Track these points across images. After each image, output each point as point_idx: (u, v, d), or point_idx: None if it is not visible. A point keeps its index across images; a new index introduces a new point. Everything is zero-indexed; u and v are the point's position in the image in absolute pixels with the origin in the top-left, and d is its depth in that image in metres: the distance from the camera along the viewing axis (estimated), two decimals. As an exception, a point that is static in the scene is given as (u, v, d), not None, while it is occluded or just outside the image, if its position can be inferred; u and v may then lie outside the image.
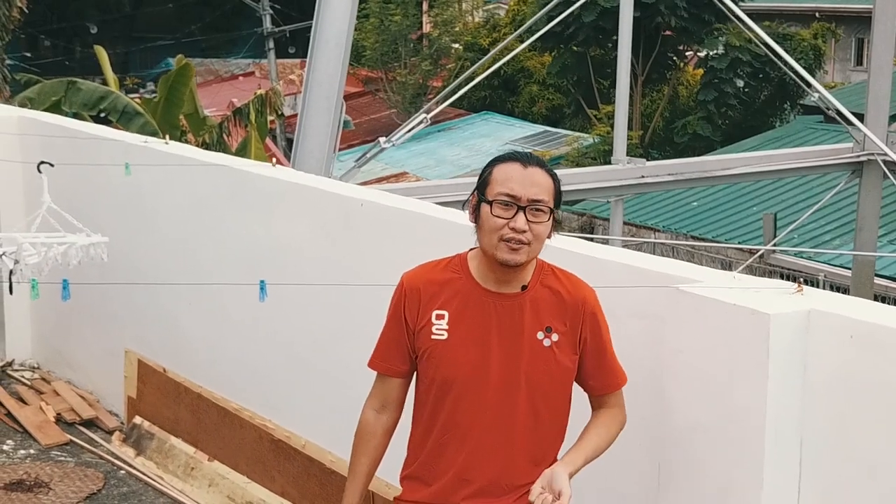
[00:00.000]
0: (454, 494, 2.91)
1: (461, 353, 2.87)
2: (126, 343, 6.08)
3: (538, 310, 2.89)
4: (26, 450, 5.82)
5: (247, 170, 5.29)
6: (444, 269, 2.95)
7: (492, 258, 2.84)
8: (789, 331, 2.88)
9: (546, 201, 2.82)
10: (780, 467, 2.93)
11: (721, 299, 2.99)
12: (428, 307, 2.90)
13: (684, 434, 3.11)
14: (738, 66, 24.29)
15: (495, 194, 2.81)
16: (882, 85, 12.09)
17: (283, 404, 5.03)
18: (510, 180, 2.81)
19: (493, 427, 2.88)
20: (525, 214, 2.79)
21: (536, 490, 2.71)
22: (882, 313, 2.89)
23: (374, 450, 3.03)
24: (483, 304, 2.88)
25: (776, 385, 2.88)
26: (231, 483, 5.19)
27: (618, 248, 3.74)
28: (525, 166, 2.83)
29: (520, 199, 2.79)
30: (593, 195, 12.56)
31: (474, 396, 2.87)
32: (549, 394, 2.91)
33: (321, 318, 4.75)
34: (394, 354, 2.98)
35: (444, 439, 2.92)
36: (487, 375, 2.87)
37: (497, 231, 2.80)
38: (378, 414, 3.03)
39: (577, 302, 2.93)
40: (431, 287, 2.92)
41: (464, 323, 2.88)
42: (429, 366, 2.92)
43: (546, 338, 2.88)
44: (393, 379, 3.01)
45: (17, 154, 6.57)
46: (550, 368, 2.89)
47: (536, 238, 2.82)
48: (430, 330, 2.90)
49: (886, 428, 2.76)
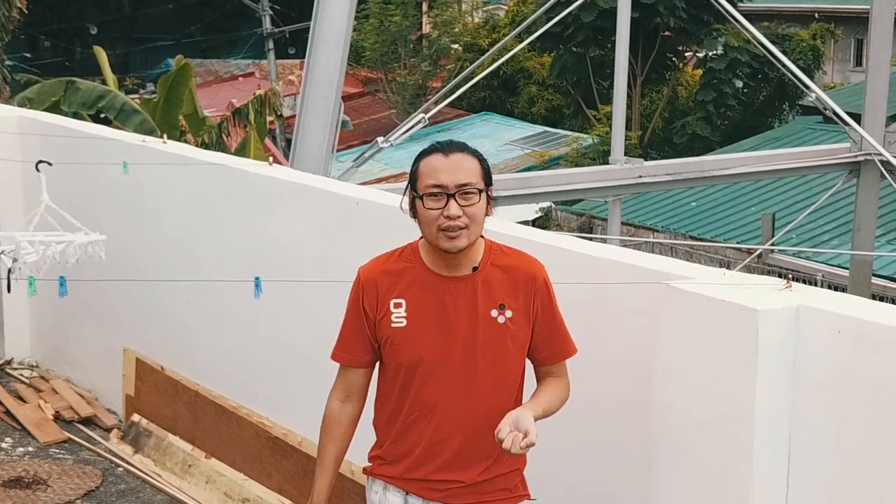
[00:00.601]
0: (423, 468, 3.05)
1: (422, 338, 2.99)
2: (124, 341, 6.11)
3: (490, 289, 3.00)
4: (25, 447, 5.85)
5: (245, 169, 5.32)
6: (397, 259, 3.07)
7: (436, 248, 2.96)
8: (778, 326, 2.91)
9: (473, 183, 2.92)
10: (769, 461, 2.96)
11: (711, 296, 3.02)
12: (386, 297, 3.02)
13: (675, 429, 3.14)
14: (737, 66, 24.33)
15: (424, 187, 2.93)
16: (879, 85, 12.12)
17: (280, 402, 5.06)
18: (435, 171, 2.92)
19: (457, 403, 3.00)
20: (456, 200, 2.89)
21: (505, 429, 2.77)
22: (870, 309, 2.92)
23: (340, 439, 3.15)
24: (437, 289, 2.99)
25: (765, 380, 2.91)
26: (228, 480, 5.22)
27: (610, 246, 3.77)
28: (447, 155, 2.94)
29: (447, 186, 2.90)
30: (591, 195, 12.59)
31: (438, 376, 3.00)
32: (507, 367, 3.03)
33: (318, 316, 4.77)
34: (356, 346, 3.10)
35: (411, 419, 3.04)
36: (449, 355, 2.99)
37: (434, 222, 2.91)
38: (343, 404, 3.15)
39: (528, 277, 3.03)
40: (387, 278, 3.03)
41: (421, 309, 3.00)
42: (392, 352, 3.04)
43: (500, 314, 2.99)
44: (356, 369, 3.14)
45: (16, 153, 6.60)
46: (506, 343, 3.01)
47: (472, 220, 2.92)
48: (389, 319, 3.01)
49: (874, 422, 2.79)
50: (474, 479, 3.04)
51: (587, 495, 3.64)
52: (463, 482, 3.03)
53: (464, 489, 3.04)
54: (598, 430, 3.58)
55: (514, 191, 10.29)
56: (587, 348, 3.49)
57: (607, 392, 3.54)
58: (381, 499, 3.12)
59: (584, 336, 3.47)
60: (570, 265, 3.56)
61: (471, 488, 3.04)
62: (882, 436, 2.78)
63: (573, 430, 3.64)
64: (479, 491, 3.05)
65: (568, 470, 3.69)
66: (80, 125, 6.91)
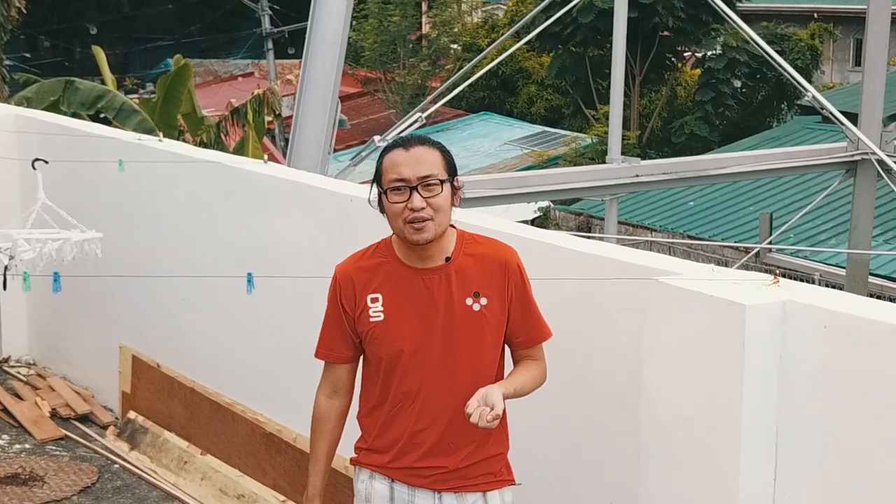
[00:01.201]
0: (407, 457, 3.10)
1: (400, 331, 3.05)
2: (121, 339, 6.13)
3: (464, 277, 3.05)
4: (21, 444, 5.88)
5: (241, 167, 5.34)
6: (371, 255, 3.13)
7: (405, 240, 3.01)
8: (765, 321, 2.93)
9: (435, 174, 2.97)
10: (756, 455, 2.98)
11: (699, 291, 3.04)
12: (363, 293, 3.08)
13: (664, 423, 3.16)
14: (735, 66, 24.34)
15: (388, 182, 2.99)
16: (876, 85, 12.12)
17: (275, 398, 5.09)
18: (397, 165, 2.97)
19: (438, 392, 3.06)
20: (419, 192, 2.94)
21: (473, 404, 2.84)
22: (857, 305, 2.94)
23: (330, 433, 3.22)
24: (412, 282, 3.05)
25: (752, 374, 2.93)
26: (223, 476, 5.25)
27: (600, 242, 3.79)
28: (407, 149, 2.99)
29: (409, 180, 2.95)
30: (588, 194, 12.59)
31: (419, 367, 3.05)
32: (484, 354, 3.08)
33: (314, 314, 4.78)
34: (337, 342, 3.17)
35: (395, 410, 3.10)
36: (428, 346, 3.04)
37: (399, 215, 2.97)
38: (330, 399, 3.23)
39: (500, 263, 3.08)
40: (363, 274, 3.10)
41: (398, 302, 3.06)
42: (373, 346, 3.10)
43: (475, 302, 3.05)
44: (341, 365, 3.21)
45: (14, 152, 6.62)
46: (482, 330, 3.06)
47: (438, 210, 2.97)
48: (367, 314, 3.07)
49: (861, 416, 2.81)
50: (458, 464, 3.09)
51: (578, 487, 3.66)
52: (447, 467, 3.09)
53: (448, 474, 3.09)
54: (589, 423, 3.61)
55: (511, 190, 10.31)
56: (577, 343, 3.52)
57: (597, 386, 3.56)
58: (367, 487, 3.17)
59: (574, 331, 3.51)
60: (561, 261, 3.58)
61: (455, 473, 3.09)
62: (869, 430, 2.80)
63: (564, 424, 3.67)
64: (463, 476, 3.10)
65: (559, 463, 3.72)
66: (77, 123, 6.94)
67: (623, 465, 3.41)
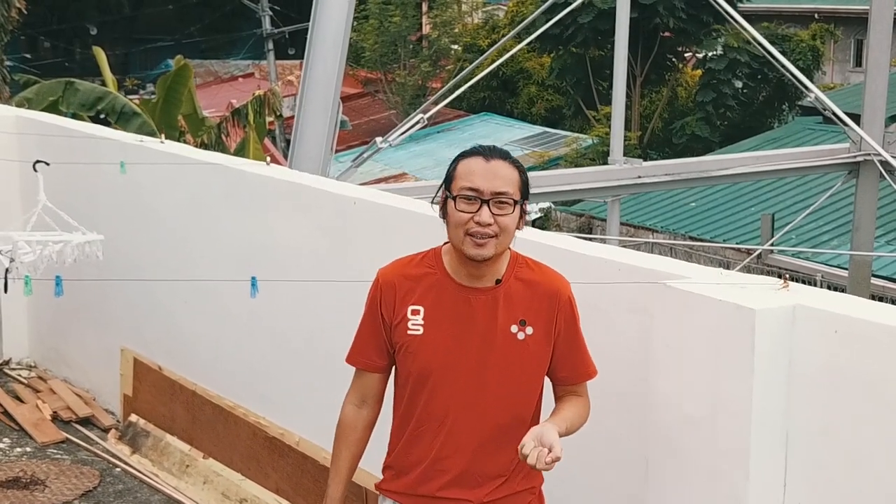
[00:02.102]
0: (429, 483, 2.95)
1: (437, 348, 2.90)
2: (122, 341, 6.10)
3: (512, 303, 2.90)
4: (23, 448, 5.85)
5: (242, 168, 5.31)
6: (418, 263, 2.97)
7: (460, 252, 2.86)
8: (774, 326, 2.90)
9: (510, 193, 2.82)
10: (766, 460, 2.96)
11: (707, 295, 3.01)
12: (404, 302, 2.93)
13: (673, 428, 3.14)
14: (736, 67, 24.32)
15: (459, 189, 2.83)
16: (879, 85, 12.11)
17: (278, 401, 5.06)
18: (472, 174, 2.82)
19: (467, 419, 2.91)
20: (489, 207, 2.80)
21: (530, 444, 2.65)
22: (866, 308, 2.92)
23: (354, 444, 3.07)
24: (457, 299, 2.90)
25: (762, 379, 2.91)
26: (226, 480, 5.22)
27: (607, 246, 3.76)
28: (487, 160, 2.84)
29: (483, 192, 2.81)
30: (590, 195, 12.58)
31: (449, 389, 2.90)
32: (522, 386, 2.94)
33: (315, 316, 4.78)
34: (371, 350, 3.01)
35: (420, 430, 2.95)
36: (462, 369, 2.89)
37: (462, 226, 2.81)
38: (358, 408, 3.07)
39: (552, 293, 2.94)
40: (407, 282, 2.94)
41: (439, 318, 2.90)
42: (406, 360, 2.95)
43: (520, 331, 2.90)
44: (371, 374, 3.05)
45: (14, 153, 6.60)
46: (524, 361, 2.92)
47: (503, 230, 2.82)
48: (406, 325, 2.92)
49: (871, 421, 2.79)
50: (482, 498, 2.93)
51: (585, 492, 3.63)
52: (470, 501, 2.93)
53: None
54: (596, 427, 3.56)
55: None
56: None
57: (604, 390, 3.52)
58: None
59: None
60: (566, 265, 3.55)
61: None
62: (879, 435, 2.77)
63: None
64: None
65: (565, 467, 3.68)
66: (77, 125, 6.91)
67: (630, 469, 3.38)
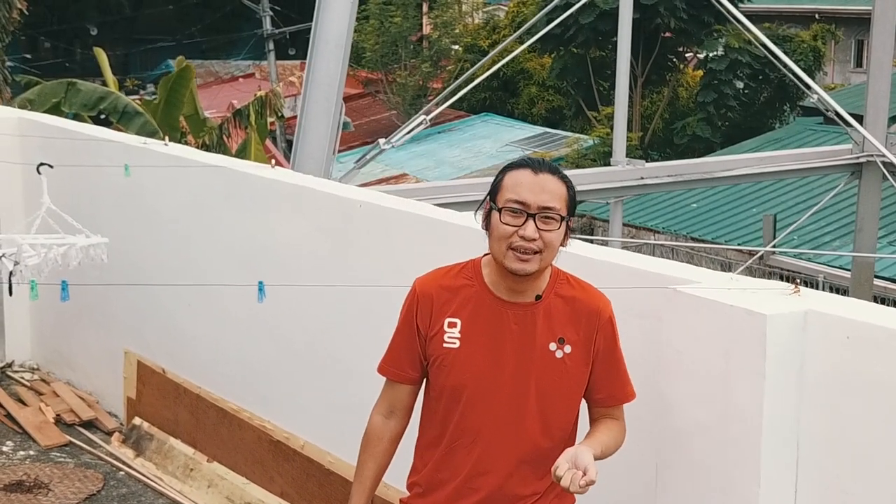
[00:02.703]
0: (460, 502, 2.88)
1: (472, 363, 2.83)
2: (125, 344, 6.09)
3: (551, 320, 2.84)
4: (26, 451, 5.83)
5: (246, 171, 5.30)
6: (457, 275, 2.90)
7: (501, 266, 2.79)
8: (786, 331, 2.88)
9: (557, 209, 2.76)
10: (777, 467, 2.94)
11: (718, 300, 2.99)
12: (440, 314, 2.86)
13: (682, 434, 3.12)
14: (737, 67, 24.31)
15: (505, 201, 2.76)
16: (881, 86, 12.09)
17: (282, 405, 5.04)
18: (520, 186, 2.75)
19: (501, 437, 2.84)
20: (535, 222, 2.73)
21: (564, 465, 2.59)
22: (878, 314, 2.89)
23: (381, 455, 2.99)
24: (495, 314, 2.83)
25: (773, 385, 2.89)
26: (230, 484, 5.20)
27: (616, 250, 3.75)
28: (536, 173, 2.77)
29: (529, 206, 2.74)
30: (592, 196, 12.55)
31: (484, 406, 2.83)
32: (559, 406, 2.87)
33: (319, 319, 4.76)
34: (404, 361, 2.94)
35: (452, 447, 2.88)
36: (498, 386, 2.82)
37: (506, 239, 2.74)
38: (386, 419, 2.99)
39: (592, 312, 2.88)
40: (444, 293, 2.87)
41: (476, 332, 2.83)
42: (440, 373, 2.87)
43: (559, 349, 2.84)
44: (403, 385, 2.97)
45: (17, 155, 6.58)
46: (561, 380, 2.85)
47: (548, 246, 2.76)
48: (441, 338, 2.85)
49: (883, 427, 2.77)
50: None
51: (593, 497, 3.61)
52: None
53: None
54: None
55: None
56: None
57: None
58: None
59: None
60: (576, 269, 3.52)
61: None
62: (891, 441, 2.75)
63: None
64: None
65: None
66: (80, 127, 6.90)
67: (640, 476, 3.36)
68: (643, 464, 3.32)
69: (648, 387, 3.26)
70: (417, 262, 3.46)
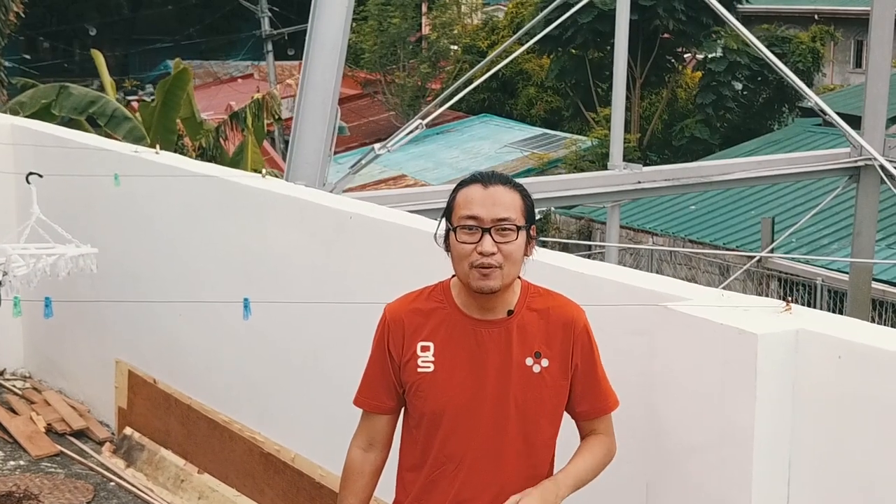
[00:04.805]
0: None
1: (449, 386, 2.77)
2: (117, 353, 6.05)
3: (525, 335, 2.78)
4: (16, 461, 5.79)
5: (238, 181, 5.26)
6: (427, 298, 2.84)
7: (468, 286, 2.75)
8: (777, 350, 2.85)
9: (512, 219, 2.70)
10: (768, 486, 2.91)
11: (709, 318, 2.96)
12: (413, 339, 2.80)
13: (673, 452, 3.09)
14: (736, 68, 24.25)
15: (458, 219, 2.72)
16: (880, 89, 12.03)
17: (273, 417, 5.00)
18: (471, 202, 2.71)
19: (485, 458, 2.79)
20: (492, 235, 2.68)
21: None
22: (870, 333, 2.87)
23: (361, 490, 2.92)
24: (469, 333, 2.78)
25: (764, 404, 2.86)
26: (221, 496, 5.16)
27: (606, 265, 3.71)
28: (486, 186, 2.72)
29: (483, 220, 2.69)
30: (589, 201, 12.53)
31: (465, 429, 2.78)
32: (540, 421, 2.82)
33: (312, 331, 4.73)
34: (380, 390, 2.87)
35: (435, 474, 2.82)
36: (477, 406, 2.77)
37: (466, 258, 2.70)
38: (365, 453, 2.93)
39: (567, 323, 2.82)
40: (415, 318, 2.81)
41: (450, 354, 2.78)
42: (416, 399, 2.81)
43: (535, 363, 2.78)
44: (380, 416, 2.91)
45: (9, 163, 6.54)
46: (541, 395, 2.80)
47: (508, 259, 2.70)
48: (416, 363, 2.79)
49: (875, 446, 2.74)
50: None
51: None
52: None
53: None
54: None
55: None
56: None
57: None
58: None
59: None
60: (566, 284, 3.49)
61: None
62: (884, 462, 2.73)
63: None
64: None
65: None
66: (73, 135, 6.86)
67: (630, 494, 3.33)
68: (634, 482, 3.29)
69: (639, 404, 3.23)
70: (410, 273, 3.43)
